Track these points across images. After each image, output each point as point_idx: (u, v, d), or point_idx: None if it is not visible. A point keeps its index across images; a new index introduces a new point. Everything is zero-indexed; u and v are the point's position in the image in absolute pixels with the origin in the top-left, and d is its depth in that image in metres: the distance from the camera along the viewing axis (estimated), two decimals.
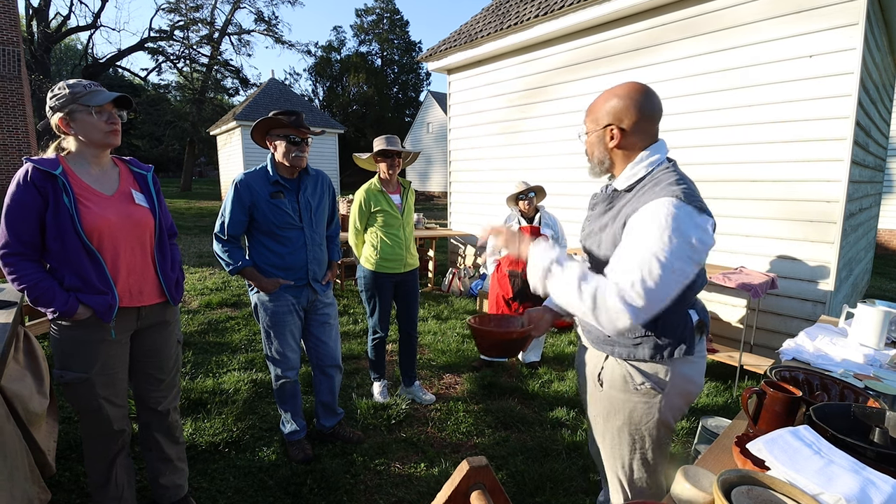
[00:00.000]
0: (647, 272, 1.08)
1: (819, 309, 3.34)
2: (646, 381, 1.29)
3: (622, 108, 1.25)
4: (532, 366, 3.63)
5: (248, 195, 2.17)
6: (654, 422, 1.31)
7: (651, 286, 1.08)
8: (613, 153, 1.30)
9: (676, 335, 1.26)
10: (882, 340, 1.68)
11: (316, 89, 38.36)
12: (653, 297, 1.08)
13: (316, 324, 2.42)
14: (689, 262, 1.11)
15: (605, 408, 1.38)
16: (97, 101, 1.53)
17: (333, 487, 2.17)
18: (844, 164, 3.13)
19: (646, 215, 1.15)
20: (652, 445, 1.35)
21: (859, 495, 0.76)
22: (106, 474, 1.75)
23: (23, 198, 1.47)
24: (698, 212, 1.13)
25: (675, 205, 1.12)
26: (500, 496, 0.80)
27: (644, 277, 1.08)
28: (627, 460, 1.38)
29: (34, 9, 19.57)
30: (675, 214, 1.11)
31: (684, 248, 1.10)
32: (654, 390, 1.29)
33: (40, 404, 1.98)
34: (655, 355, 1.26)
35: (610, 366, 1.35)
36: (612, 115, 1.26)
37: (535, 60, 5.11)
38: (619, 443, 1.38)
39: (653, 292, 1.08)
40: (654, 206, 1.14)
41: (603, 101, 1.29)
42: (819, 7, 3.15)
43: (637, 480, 1.38)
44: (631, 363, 1.31)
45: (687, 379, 1.31)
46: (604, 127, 1.28)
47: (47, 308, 1.51)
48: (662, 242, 1.09)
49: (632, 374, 1.31)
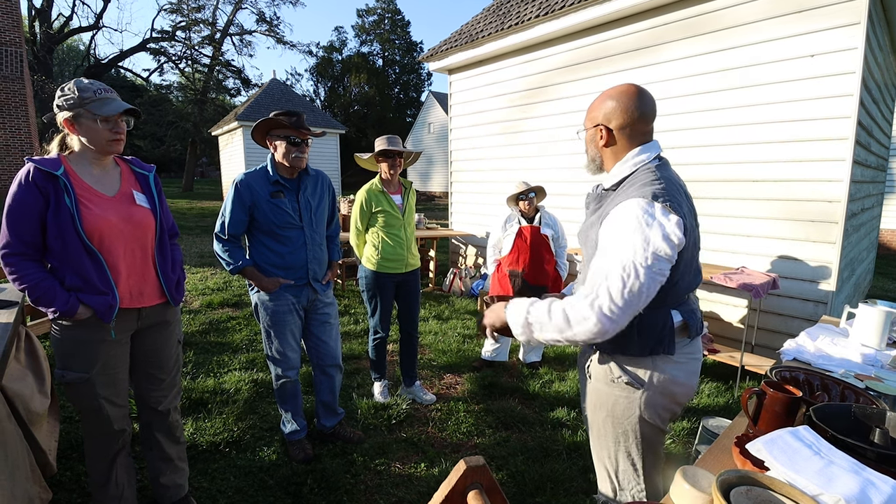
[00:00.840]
0: (616, 280, 1.12)
1: (820, 309, 3.33)
2: (623, 376, 1.33)
3: (611, 109, 1.29)
4: (533, 366, 3.63)
5: (249, 195, 2.18)
6: (635, 418, 1.34)
7: (622, 292, 1.11)
8: (603, 152, 1.36)
9: (654, 334, 1.28)
10: (883, 341, 1.68)
11: (317, 89, 38.44)
12: (626, 303, 1.11)
13: (316, 323, 2.42)
14: (659, 261, 1.13)
15: (592, 400, 1.43)
16: (105, 112, 1.53)
17: (334, 487, 2.18)
18: (846, 163, 3.12)
19: (614, 220, 1.19)
20: (636, 442, 1.37)
21: (859, 496, 0.76)
22: (107, 474, 1.75)
23: (24, 198, 1.47)
24: (664, 211, 1.15)
25: (642, 206, 1.15)
26: (498, 496, 0.80)
27: (613, 286, 1.12)
28: (612, 451, 1.42)
29: (37, 9, 19.62)
30: (639, 216, 1.14)
31: (651, 249, 1.12)
32: (632, 386, 1.32)
33: (41, 404, 1.98)
34: (635, 353, 1.30)
35: (595, 359, 1.40)
36: (603, 115, 1.31)
37: (535, 60, 5.11)
38: (604, 434, 1.42)
39: (624, 299, 1.11)
40: (621, 209, 1.18)
41: (599, 102, 1.34)
42: (820, 6, 3.14)
43: (622, 472, 1.42)
44: (613, 357, 1.35)
45: (671, 380, 1.31)
46: (594, 126, 1.33)
47: (48, 308, 1.51)
48: (630, 247, 1.13)
49: (612, 367, 1.35)
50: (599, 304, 1.12)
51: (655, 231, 1.13)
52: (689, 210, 1.27)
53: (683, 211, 1.19)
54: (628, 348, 1.30)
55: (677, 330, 1.31)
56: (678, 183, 1.28)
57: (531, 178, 5.30)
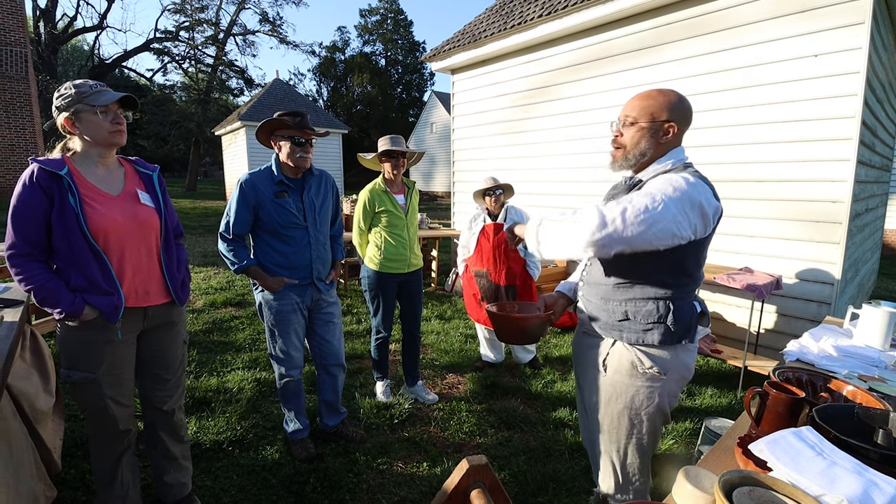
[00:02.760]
0: (640, 201, 1.15)
1: (824, 310, 3.32)
2: (654, 366, 1.36)
3: (681, 110, 1.35)
4: (533, 364, 3.62)
5: (253, 195, 2.19)
6: (654, 406, 1.38)
7: (638, 211, 1.13)
8: (660, 148, 1.36)
9: (686, 322, 1.33)
10: (887, 342, 1.67)
11: (320, 89, 38.48)
12: (633, 223, 1.11)
13: (320, 323, 2.43)
14: (685, 216, 1.16)
15: (606, 392, 1.45)
16: (102, 101, 1.54)
17: (336, 486, 2.18)
18: (850, 163, 3.11)
19: (654, 182, 1.26)
20: (648, 430, 1.42)
21: (862, 497, 0.76)
22: (112, 472, 1.76)
23: (29, 199, 1.48)
24: (708, 188, 1.24)
25: (683, 175, 1.24)
26: (500, 495, 0.80)
27: (634, 203, 1.14)
28: (623, 444, 1.44)
29: (41, 10, 19.70)
30: (687, 180, 1.21)
31: (685, 202, 1.16)
32: (660, 374, 1.36)
33: (46, 402, 1.99)
34: (665, 341, 1.33)
35: (617, 351, 1.41)
36: (672, 112, 1.34)
37: (538, 60, 5.10)
38: (617, 426, 1.44)
39: (636, 218, 1.12)
40: (660, 178, 1.26)
41: (661, 97, 1.35)
42: (824, 6, 3.13)
43: (629, 465, 1.45)
44: (640, 348, 1.37)
45: (685, 365, 1.39)
46: (663, 121, 1.34)
47: (54, 309, 1.52)
48: (667, 188, 1.17)
49: (641, 359, 1.37)
50: (606, 210, 1.15)
51: (699, 195, 1.19)
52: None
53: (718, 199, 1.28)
54: (663, 337, 1.34)
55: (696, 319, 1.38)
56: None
57: (534, 178, 5.31)
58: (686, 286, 1.36)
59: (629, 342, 1.38)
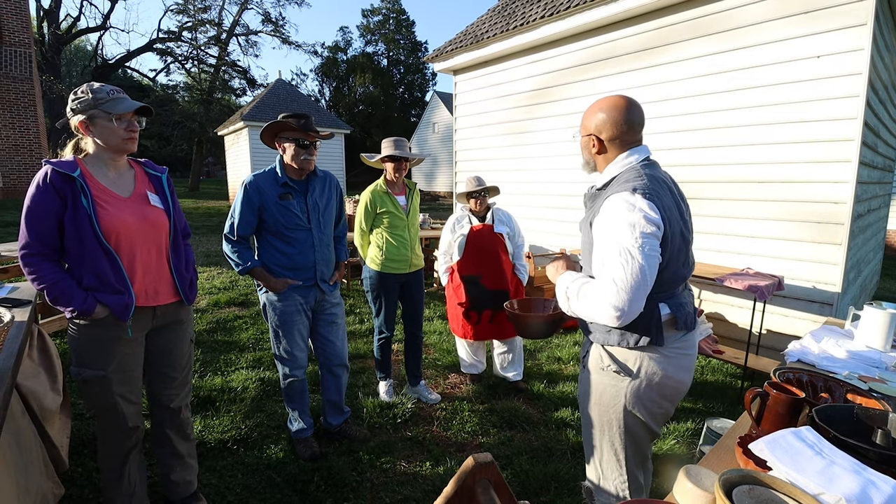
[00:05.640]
0: (616, 267, 1.22)
1: (826, 310, 3.32)
2: (612, 364, 1.41)
3: (602, 122, 1.40)
4: (516, 386, 3.22)
5: (258, 197, 2.20)
6: (620, 407, 1.41)
7: (625, 277, 1.21)
8: (595, 157, 1.48)
9: (640, 326, 1.33)
10: (888, 343, 1.68)
11: (322, 90, 38.52)
12: (632, 286, 1.20)
13: (323, 323, 2.45)
14: (648, 239, 1.23)
15: (583, 388, 1.51)
16: (119, 110, 1.57)
17: (340, 485, 2.20)
18: (852, 165, 3.11)
19: (603, 215, 1.31)
20: (619, 432, 1.43)
21: (860, 495, 0.77)
22: (119, 470, 1.78)
23: (42, 200, 1.50)
24: (644, 197, 1.26)
25: (625, 197, 1.27)
26: (505, 492, 0.81)
27: (616, 275, 1.22)
28: (598, 439, 1.49)
29: (45, 10, 19.77)
30: (623, 207, 1.26)
31: (639, 230, 1.23)
32: (620, 374, 1.39)
33: (54, 401, 2.02)
34: (621, 342, 1.37)
35: (593, 350, 1.47)
36: (595, 126, 1.42)
37: (541, 61, 5.11)
38: (590, 422, 1.50)
39: (629, 282, 1.20)
40: (608, 203, 1.31)
41: (591, 112, 1.44)
42: (827, 7, 3.13)
43: (605, 462, 1.49)
44: (604, 347, 1.43)
45: (658, 372, 1.37)
46: (587, 135, 1.45)
47: (66, 307, 1.55)
48: (621, 234, 1.24)
49: (602, 356, 1.43)
50: (615, 299, 1.22)
51: (637, 215, 1.24)
52: (674, 203, 1.35)
53: (664, 203, 1.28)
54: (620, 338, 1.37)
55: (665, 323, 1.36)
56: (662, 179, 1.37)
57: (536, 179, 5.33)
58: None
59: (597, 341, 1.44)
